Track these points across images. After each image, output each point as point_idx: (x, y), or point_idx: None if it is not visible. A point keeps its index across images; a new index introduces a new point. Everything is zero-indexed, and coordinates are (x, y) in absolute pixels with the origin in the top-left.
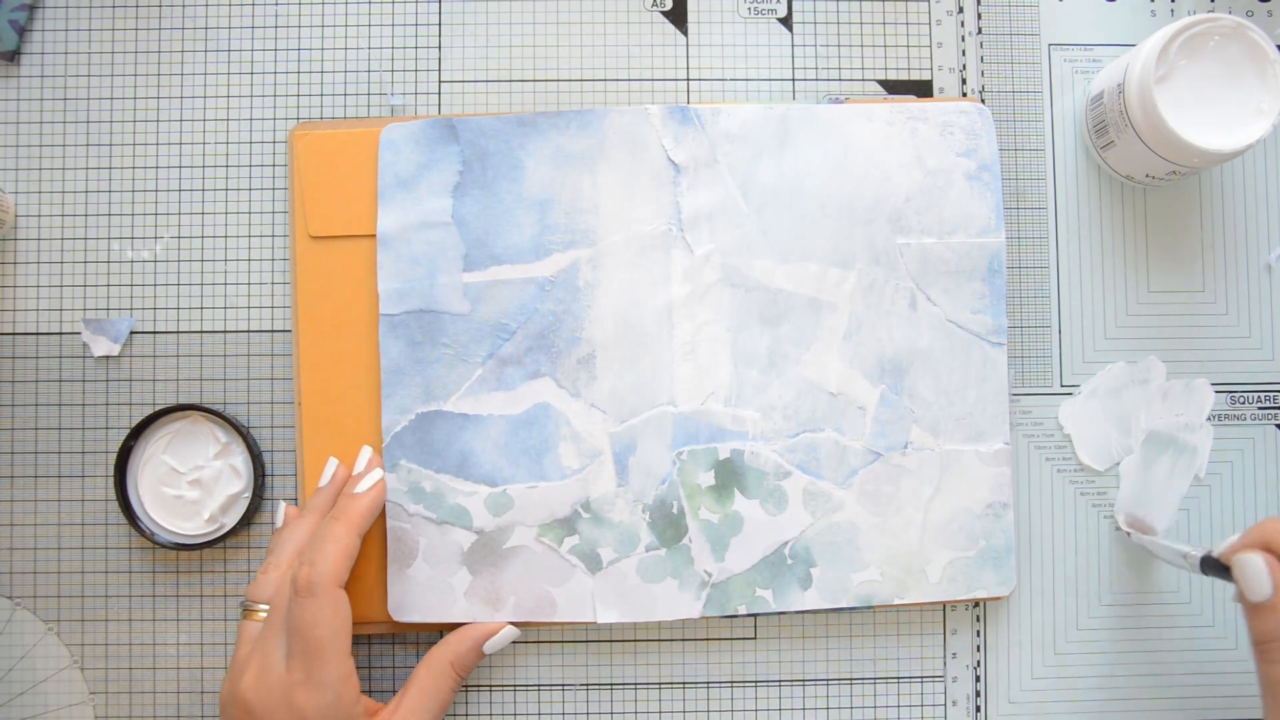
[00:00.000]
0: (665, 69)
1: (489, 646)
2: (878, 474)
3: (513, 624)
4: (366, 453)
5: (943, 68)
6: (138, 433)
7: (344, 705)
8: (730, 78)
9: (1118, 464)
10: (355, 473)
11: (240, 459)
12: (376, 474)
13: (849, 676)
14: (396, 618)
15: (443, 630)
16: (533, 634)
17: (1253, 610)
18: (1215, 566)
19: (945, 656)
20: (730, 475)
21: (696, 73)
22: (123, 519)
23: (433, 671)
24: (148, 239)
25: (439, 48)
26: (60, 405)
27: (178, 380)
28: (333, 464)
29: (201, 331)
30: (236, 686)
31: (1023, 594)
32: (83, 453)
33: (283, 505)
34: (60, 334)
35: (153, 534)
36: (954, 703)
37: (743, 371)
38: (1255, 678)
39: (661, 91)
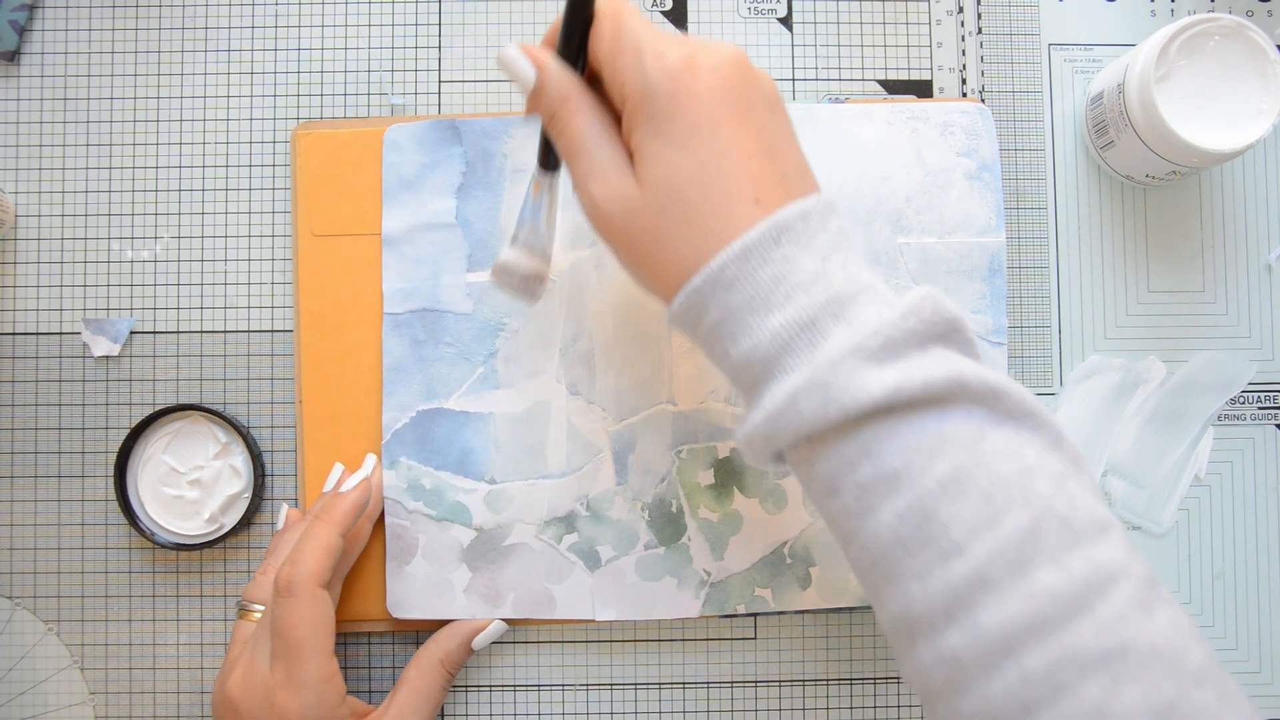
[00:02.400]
0: None
1: (478, 642)
2: None
3: (512, 621)
4: (370, 460)
5: (943, 68)
6: (138, 433)
7: (326, 706)
8: None
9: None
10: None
11: (240, 459)
12: (363, 474)
13: (849, 676)
14: (395, 614)
15: (441, 627)
16: (533, 634)
17: (533, 99)
18: (545, 149)
19: None
20: (729, 474)
21: None
22: (123, 519)
23: (422, 670)
24: (148, 239)
25: (439, 48)
26: (60, 405)
27: (178, 380)
28: (338, 469)
29: (201, 331)
30: (224, 685)
31: None
32: (83, 453)
33: (285, 508)
34: (60, 334)
35: (153, 534)
36: None
37: None
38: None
39: None
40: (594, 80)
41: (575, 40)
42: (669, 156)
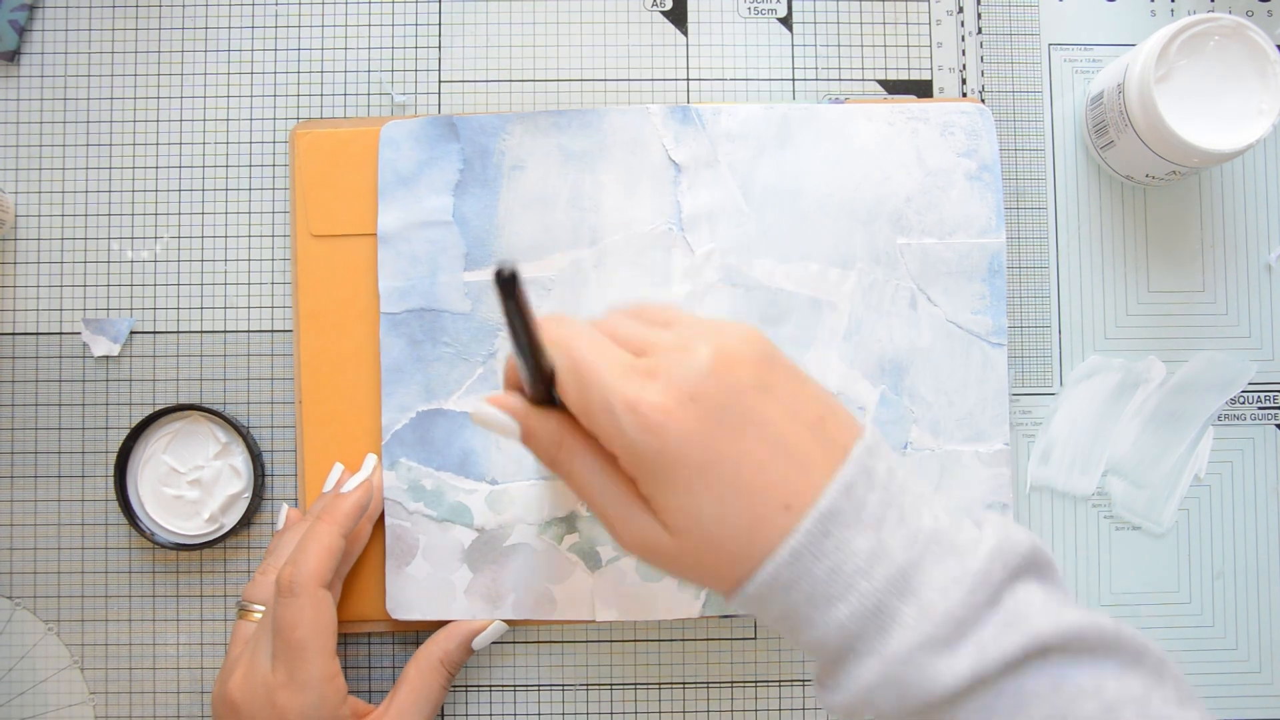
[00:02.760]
0: (665, 69)
1: (478, 643)
2: None
3: (512, 621)
4: (371, 460)
5: (943, 68)
6: (138, 433)
7: (327, 706)
8: (730, 78)
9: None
10: None
11: (240, 459)
12: (364, 475)
13: None
14: (395, 616)
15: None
16: (533, 634)
17: (528, 448)
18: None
19: None
20: None
21: (696, 73)
22: (123, 519)
23: (422, 670)
24: (148, 239)
25: (439, 48)
26: (60, 405)
27: (178, 380)
28: (338, 470)
29: (201, 331)
30: (225, 686)
31: None
32: (83, 453)
33: (285, 508)
34: (60, 334)
35: (153, 534)
36: None
37: None
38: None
39: (661, 91)
40: None
41: (541, 383)
42: (683, 504)
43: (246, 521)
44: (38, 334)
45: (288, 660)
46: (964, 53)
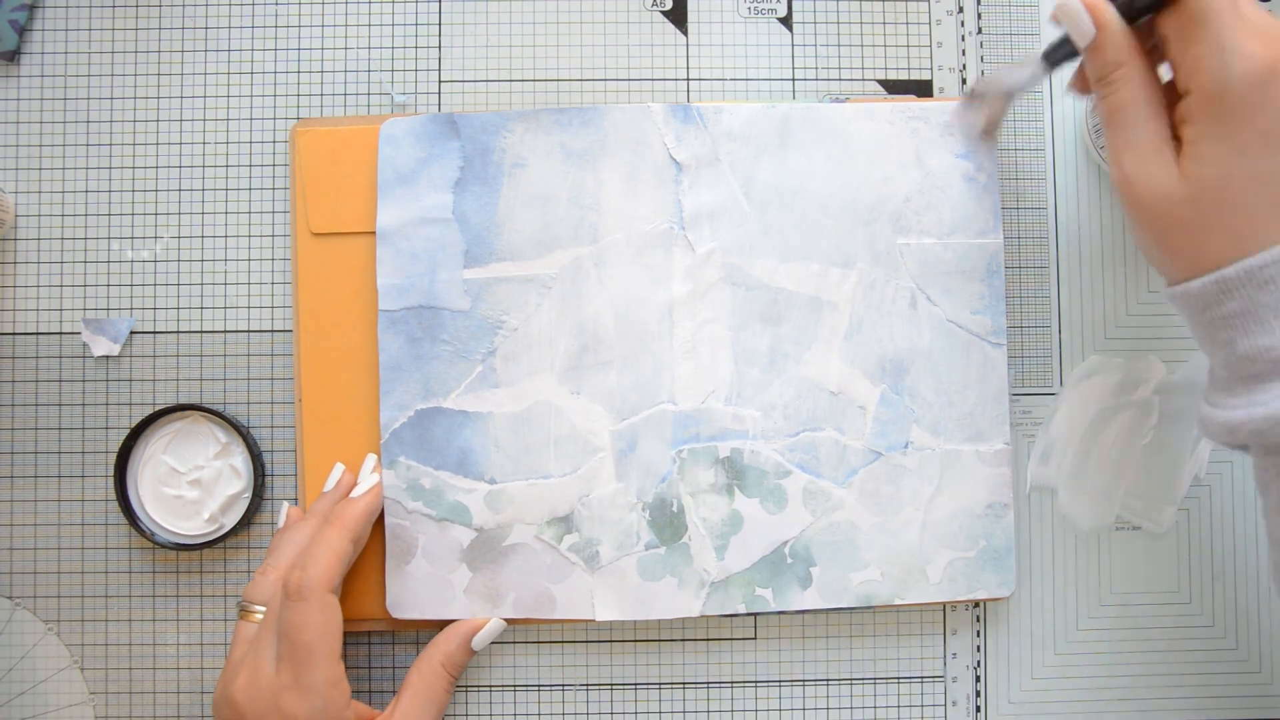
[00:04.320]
0: (665, 69)
1: (477, 641)
2: (878, 474)
3: (512, 621)
4: (371, 460)
5: (943, 68)
6: (138, 433)
7: (332, 710)
8: (730, 77)
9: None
10: (359, 479)
11: (240, 459)
12: (373, 479)
13: (849, 676)
14: (395, 614)
15: (441, 628)
16: (533, 634)
17: (1087, 55)
18: (1056, 51)
19: (945, 657)
20: (730, 474)
21: (696, 72)
22: (123, 519)
23: (424, 675)
24: (148, 239)
25: (439, 48)
26: (60, 405)
27: (178, 380)
28: (338, 470)
29: (201, 331)
30: (229, 688)
31: (1023, 594)
32: (83, 453)
33: (286, 506)
34: (60, 334)
35: (153, 534)
36: (954, 703)
37: (743, 370)
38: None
39: (661, 91)
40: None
41: (1145, 2)
42: (1224, 160)
43: (246, 521)
44: (38, 334)
45: (294, 664)
46: (964, 53)
